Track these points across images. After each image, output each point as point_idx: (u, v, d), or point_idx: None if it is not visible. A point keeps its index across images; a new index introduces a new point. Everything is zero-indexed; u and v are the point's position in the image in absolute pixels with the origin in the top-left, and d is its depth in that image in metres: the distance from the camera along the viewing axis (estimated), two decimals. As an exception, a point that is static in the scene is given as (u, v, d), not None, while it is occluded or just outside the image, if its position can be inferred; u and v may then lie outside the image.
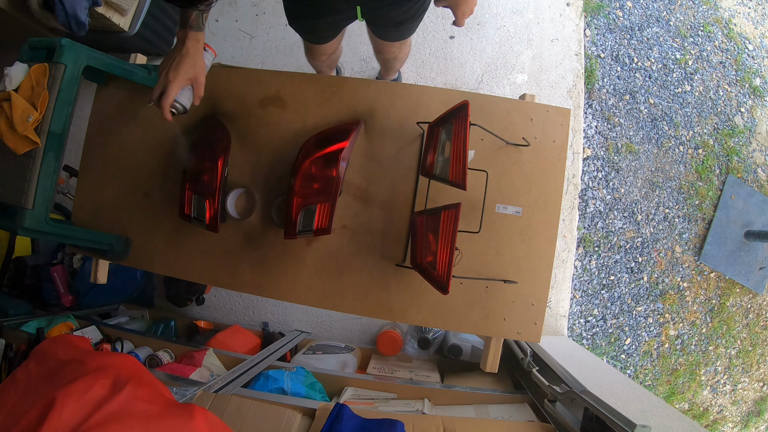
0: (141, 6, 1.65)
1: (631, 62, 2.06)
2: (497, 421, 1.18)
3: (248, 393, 1.13)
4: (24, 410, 0.60)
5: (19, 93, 0.82)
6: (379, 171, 0.98)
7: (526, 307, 0.94)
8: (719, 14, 2.16)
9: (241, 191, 1.00)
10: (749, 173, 2.09)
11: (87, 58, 0.88)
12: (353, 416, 0.98)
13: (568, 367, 1.17)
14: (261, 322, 1.92)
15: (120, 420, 0.61)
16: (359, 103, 0.99)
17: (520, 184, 0.95)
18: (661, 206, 2.01)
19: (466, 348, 1.65)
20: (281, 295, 0.99)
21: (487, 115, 0.95)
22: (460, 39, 1.95)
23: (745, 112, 2.11)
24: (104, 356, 0.80)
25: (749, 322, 2.10)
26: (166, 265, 1.04)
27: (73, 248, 1.15)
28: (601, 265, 1.97)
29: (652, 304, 2.00)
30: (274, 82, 1.02)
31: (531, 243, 0.94)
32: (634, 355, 2.01)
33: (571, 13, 1.99)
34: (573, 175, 1.93)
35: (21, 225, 0.83)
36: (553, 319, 1.86)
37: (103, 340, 1.49)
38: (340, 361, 1.59)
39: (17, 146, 0.81)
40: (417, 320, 0.96)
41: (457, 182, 0.78)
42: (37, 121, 0.82)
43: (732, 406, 2.11)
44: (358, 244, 0.97)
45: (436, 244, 0.78)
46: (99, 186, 1.08)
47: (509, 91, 1.93)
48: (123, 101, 1.09)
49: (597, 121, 2.00)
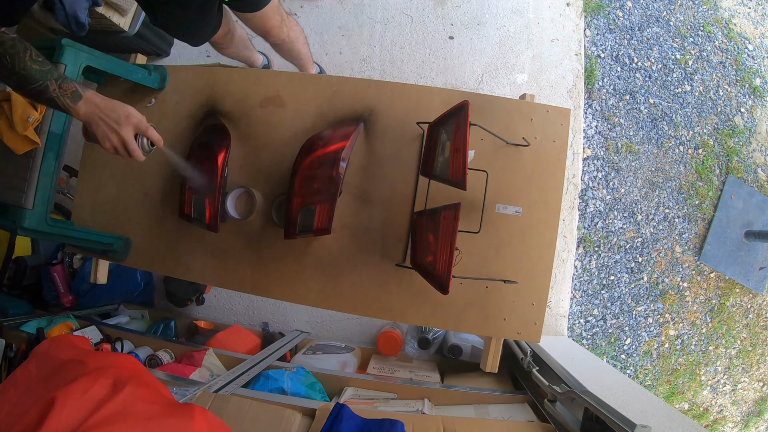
0: (141, 6, 1.65)
1: (631, 62, 2.06)
2: (497, 421, 1.18)
3: (248, 393, 1.13)
4: (24, 410, 0.60)
5: (19, 93, 0.82)
6: (379, 171, 0.98)
7: (526, 307, 0.94)
8: (719, 14, 2.16)
9: (241, 191, 1.00)
10: (749, 173, 2.09)
11: (87, 58, 0.88)
12: (353, 416, 0.98)
13: (568, 367, 1.17)
14: (261, 322, 1.92)
15: (120, 420, 0.61)
16: (359, 103, 0.99)
17: (520, 184, 0.95)
18: (661, 206, 2.01)
19: (466, 348, 1.65)
20: (281, 295, 0.99)
21: (487, 115, 0.95)
22: (460, 39, 1.95)
23: (745, 112, 2.11)
24: (104, 356, 0.80)
25: (749, 322, 2.10)
26: (166, 265, 1.04)
27: (73, 248, 1.15)
28: (601, 265, 1.97)
29: (652, 304, 2.00)
30: (274, 82, 1.02)
31: (531, 243, 0.94)
32: (634, 355, 2.01)
33: (571, 13, 1.99)
34: (573, 175, 1.93)
35: (21, 225, 0.83)
36: (553, 319, 1.86)
37: (103, 340, 1.49)
38: (340, 361, 1.59)
39: (17, 146, 0.82)
40: (417, 320, 0.96)
41: (457, 182, 0.78)
42: (37, 121, 0.82)
43: (732, 406, 2.11)
44: (358, 244, 0.97)
45: (436, 244, 0.78)
46: (99, 186, 1.08)
47: (509, 91, 1.93)
48: (123, 101, 1.08)
49: (597, 121, 2.00)
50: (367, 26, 1.96)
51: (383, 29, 1.95)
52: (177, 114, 1.06)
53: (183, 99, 1.06)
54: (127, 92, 1.08)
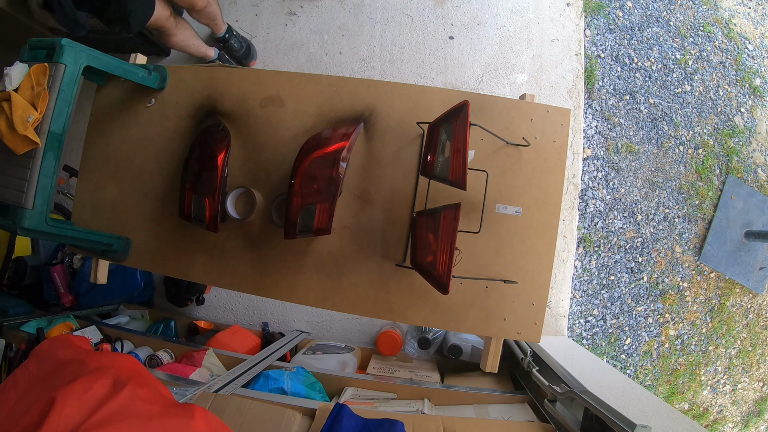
0: (141, 6, 1.65)
1: (631, 62, 2.06)
2: (497, 421, 1.18)
3: (248, 393, 1.13)
4: (24, 410, 0.60)
5: (19, 93, 0.82)
6: (379, 171, 0.98)
7: (526, 307, 0.94)
8: (719, 14, 2.16)
9: (241, 191, 1.00)
10: (749, 173, 2.09)
11: (87, 58, 0.88)
12: (353, 416, 0.98)
13: (568, 367, 1.17)
14: (261, 322, 1.92)
15: (120, 420, 0.60)
16: (359, 103, 0.99)
17: (520, 184, 0.95)
18: (661, 206, 2.01)
19: (466, 348, 1.65)
20: (281, 295, 0.99)
21: (487, 115, 0.95)
22: (460, 39, 1.95)
23: (745, 112, 2.11)
24: (104, 356, 0.80)
25: (749, 322, 2.10)
26: (166, 265, 1.04)
27: (73, 248, 1.14)
28: (601, 265, 1.97)
29: (652, 304, 2.00)
30: (274, 82, 1.02)
31: (531, 243, 0.94)
32: (634, 355, 2.01)
33: (571, 13, 1.99)
34: (573, 175, 1.93)
35: (21, 225, 0.83)
36: (553, 319, 1.86)
37: (103, 340, 1.49)
38: (340, 361, 1.59)
39: (17, 146, 0.81)
40: (417, 320, 0.96)
41: (457, 182, 0.78)
42: (37, 121, 0.82)
43: (732, 406, 2.11)
44: (358, 244, 0.97)
45: (436, 244, 0.78)
46: (99, 186, 1.08)
47: (509, 91, 1.93)
48: (123, 101, 1.09)
49: (597, 121, 2.00)
50: (367, 26, 1.96)
51: (383, 29, 1.96)
52: (177, 114, 1.06)
53: (183, 99, 1.06)
54: (127, 92, 1.08)
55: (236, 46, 1.89)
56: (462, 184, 0.76)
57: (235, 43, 1.89)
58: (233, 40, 1.88)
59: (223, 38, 1.85)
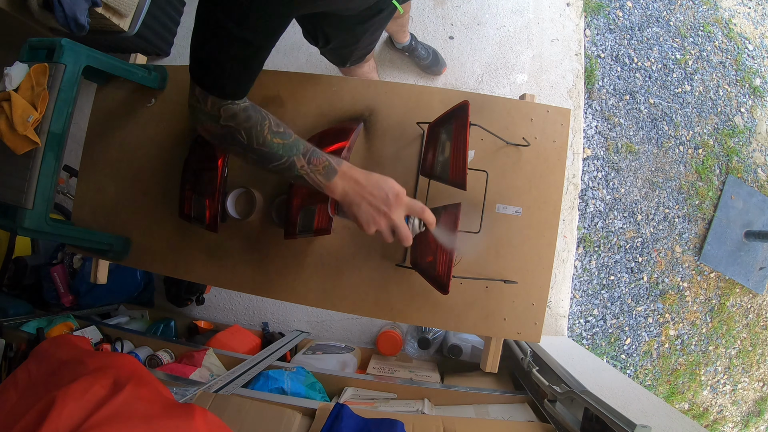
0: (141, 6, 1.65)
1: (631, 62, 2.06)
2: (497, 421, 1.18)
3: (248, 393, 1.13)
4: (24, 410, 0.60)
5: (19, 93, 0.82)
6: (379, 171, 0.97)
7: (526, 307, 0.94)
8: (719, 14, 2.16)
9: (241, 191, 1.00)
10: (749, 173, 2.09)
11: (87, 58, 0.88)
12: (353, 416, 0.98)
13: (568, 367, 1.17)
14: (261, 322, 1.92)
15: (120, 420, 0.61)
16: (359, 103, 0.99)
17: (520, 184, 0.95)
18: (661, 206, 2.01)
19: (466, 348, 1.65)
20: (281, 295, 0.99)
21: (487, 115, 0.95)
22: (460, 39, 1.95)
23: (745, 112, 2.11)
24: (104, 356, 0.80)
25: (749, 322, 2.10)
26: (166, 265, 1.04)
27: (73, 248, 1.14)
28: (601, 265, 1.97)
29: (652, 304, 2.00)
30: (274, 82, 1.02)
31: (531, 243, 0.94)
32: (634, 355, 2.01)
33: (571, 13, 1.99)
34: (573, 175, 1.93)
35: (21, 225, 0.83)
36: (553, 319, 1.86)
37: (103, 340, 1.49)
38: (340, 361, 1.59)
39: (17, 146, 0.81)
40: (417, 320, 0.96)
41: (457, 182, 0.78)
42: (37, 121, 0.82)
43: (732, 406, 2.11)
44: (358, 244, 0.97)
45: (436, 244, 0.78)
46: (99, 186, 1.08)
47: (509, 91, 1.93)
48: (123, 101, 1.09)
49: (597, 121, 2.00)
50: (367, 26, 1.96)
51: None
52: (177, 114, 1.06)
53: (183, 99, 1.06)
54: (128, 92, 1.08)
55: (423, 54, 1.82)
56: (462, 184, 0.76)
57: (422, 50, 1.82)
58: (420, 48, 1.81)
59: (410, 46, 1.79)
